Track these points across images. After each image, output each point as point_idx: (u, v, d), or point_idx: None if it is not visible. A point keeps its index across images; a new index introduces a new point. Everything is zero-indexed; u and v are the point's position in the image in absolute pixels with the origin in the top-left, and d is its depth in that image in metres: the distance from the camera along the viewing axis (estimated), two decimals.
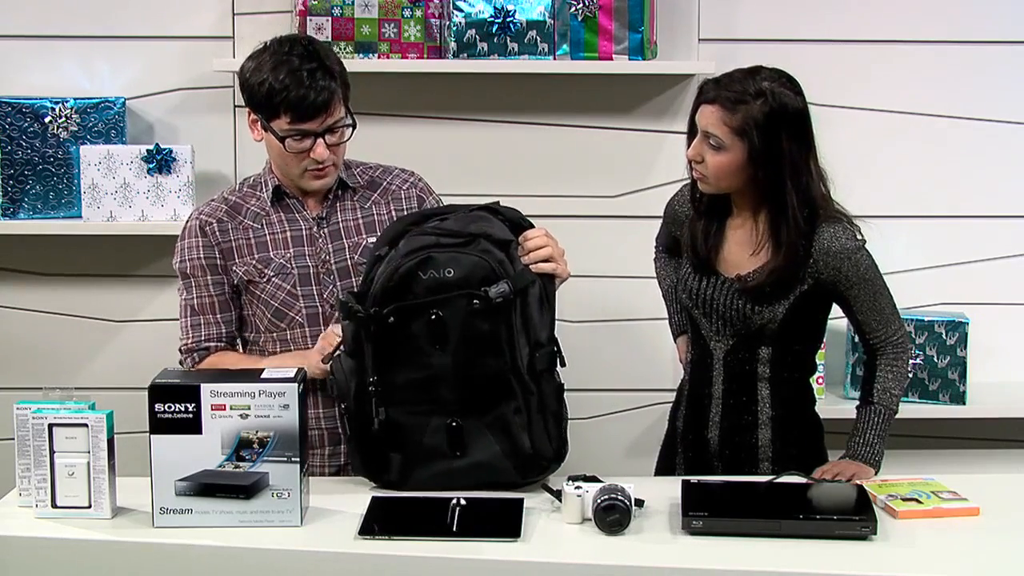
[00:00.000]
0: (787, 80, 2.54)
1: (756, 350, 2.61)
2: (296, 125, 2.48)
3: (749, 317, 2.58)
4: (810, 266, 2.54)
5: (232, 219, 2.62)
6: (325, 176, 2.56)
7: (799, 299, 2.56)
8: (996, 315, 3.51)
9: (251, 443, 2.17)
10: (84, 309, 3.48)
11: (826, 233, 2.53)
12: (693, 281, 2.66)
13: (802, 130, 2.52)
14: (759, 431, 2.63)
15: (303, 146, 2.50)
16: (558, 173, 3.45)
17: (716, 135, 2.50)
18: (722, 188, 2.58)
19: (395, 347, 2.35)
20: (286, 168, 2.57)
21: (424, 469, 2.39)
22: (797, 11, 3.42)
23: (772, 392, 2.62)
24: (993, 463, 3.52)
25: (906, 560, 2.11)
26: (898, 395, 2.61)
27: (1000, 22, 3.44)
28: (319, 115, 2.48)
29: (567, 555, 2.12)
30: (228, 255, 2.60)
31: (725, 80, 2.52)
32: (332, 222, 2.63)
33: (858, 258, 2.55)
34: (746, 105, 2.47)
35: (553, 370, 2.44)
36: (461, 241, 2.35)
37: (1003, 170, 3.48)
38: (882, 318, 2.59)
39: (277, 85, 2.46)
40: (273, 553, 2.12)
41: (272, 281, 2.58)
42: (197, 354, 2.63)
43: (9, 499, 2.33)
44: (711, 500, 2.27)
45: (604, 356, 3.49)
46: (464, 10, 3.24)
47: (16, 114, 3.28)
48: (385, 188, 2.69)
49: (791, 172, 2.50)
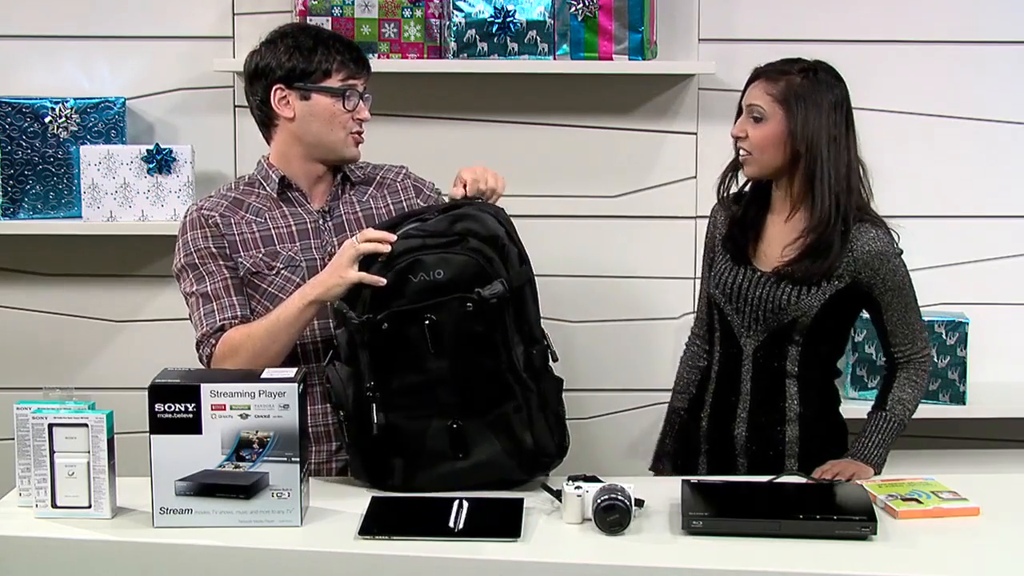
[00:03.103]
0: (829, 67, 2.66)
1: (785, 348, 2.63)
2: (349, 81, 2.58)
3: (783, 308, 2.60)
4: (849, 264, 2.57)
5: (234, 213, 2.61)
6: (361, 143, 2.64)
7: (835, 297, 2.59)
8: (996, 315, 3.51)
9: (251, 443, 2.17)
10: (84, 309, 3.48)
11: (868, 233, 2.58)
12: (728, 275, 2.69)
13: (841, 109, 2.61)
14: (787, 427, 2.65)
15: (353, 103, 2.59)
16: (558, 173, 3.45)
17: (759, 105, 2.61)
18: (765, 165, 2.62)
19: (391, 353, 2.35)
20: (330, 134, 2.59)
21: (427, 472, 2.39)
22: (797, 11, 3.42)
23: (800, 390, 2.65)
24: (993, 463, 3.52)
25: (906, 560, 2.11)
26: (911, 409, 2.64)
27: (1000, 22, 3.44)
28: (364, 73, 2.62)
29: (567, 555, 2.12)
30: (233, 247, 2.59)
31: (771, 63, 2.66)
32: (336, 215, 2.65)
33: (896, 264, 2.60)
34: (789, 76, 2.60)
35: (548, 366, 2.45)
36: (448, 241, 2.36)
37: (1003, 170, 3.48)
38: (910, 333, 2.63)
39: (329, 43, 2.59)
40: (273, 553, 2.12)
41: (281, 274, 2.58)
42: (213, 337, 2.53)
43: (9, 499, 2.33)
44: (711, 500, 2.27)
45: (604, 356, 3.49)
46: (464, 10, 3.24)
47: (16, 114, 3.28)
48: (380, 182, 2.72)
49: (829, 143, 2.57)
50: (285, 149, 2.64)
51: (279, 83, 2.58)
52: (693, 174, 3.45)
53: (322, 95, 2.58)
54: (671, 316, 3.49)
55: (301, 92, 2.58)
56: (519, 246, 2.44)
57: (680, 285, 3.47)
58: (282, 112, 2.60)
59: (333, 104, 2.58)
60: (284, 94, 2.58)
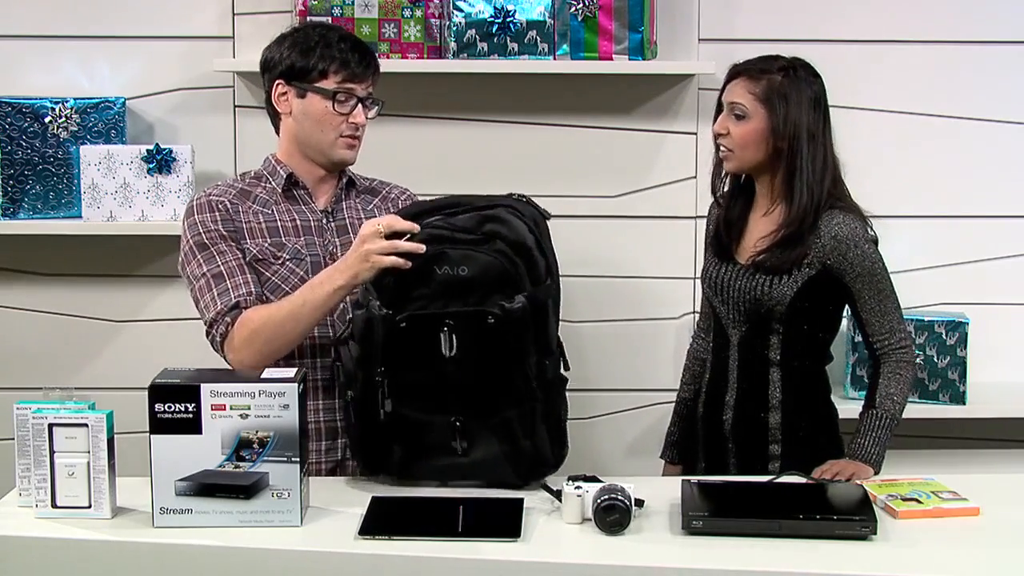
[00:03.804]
0: (805, 63, 2.71)
1: (768, 336, 2.69)
2: (346, 84, 2.58)
3: (759, 298, 2.65)
4: (817, 250, 2.61)
5: (242, 202, 2.62)
6: (355, 147, 2.63)
7: (807, 284, 2.63)
8: (996, 315, 3.51)
9: (251, 443, 2.17)
10: (84, 309, 3.48)
11: (836, 218, 2.62)
12: (713, 269, 2.77)
13: (820, 105, 2.67)
14: (769, 414, 2.70)
15: (346, 108, 2.58)
16: (558, 173, 3.45)
17: (740, 103, 2.65)
18: (746, 161, 2.68)
19: (406, 348, 2.34)
20: (320, 136, 2.60)
21: (425, 463, 2.40)
22: (797, 11, 3.42)
23: (783, 377, 2.69)
24: (993, 463, 3.52)
25: (906, 560, 2.11)
26: (900, 402, 2.65)
27: (1000, 22, 3.43)
28: (367, 77, 2.61)
29: (567, 555, 2.13)
30: (240, 234, 2.59)
31: (750, 60, 2.70)
32: (339, 217, 2.66)
33: (865, 249, 2.62)
34: (770, 75, 2.65)
35: (559, 374, 2.45)
36: (474, 239, 2.35)
37: (1003, 170, 3.48)
38: (887, 323, 2.65)
39: (334, 43, 2.58)
40: (273, 553, 2.12)
41: (286, 265, 2.58)
42: (228, 316, 2.48)
43: (9, 499, 2.33)
44: (711, 500, 2.27)
45: (604, 356, 3.49)
46: (464, 10, 3.24)
47: (16, 114, 3.28)
48: (384, 196, 2.75)
49: (809, 140, 2.62)
50: (288, 146, 2.66)
51: (280, 78, 2.61)
52: (693, 174, 3.45)
53: (316, 95, 2.58)
54: (671, 316, 3.49)
55: (298, 89, 2.59)
56: (549, 258, 2.42)
57: (680, 285, 3.47)
58: (280, 108, 2.62)
59: (326, 105, 2.58)
60: (284, 90, 2.61)
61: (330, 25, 2.77)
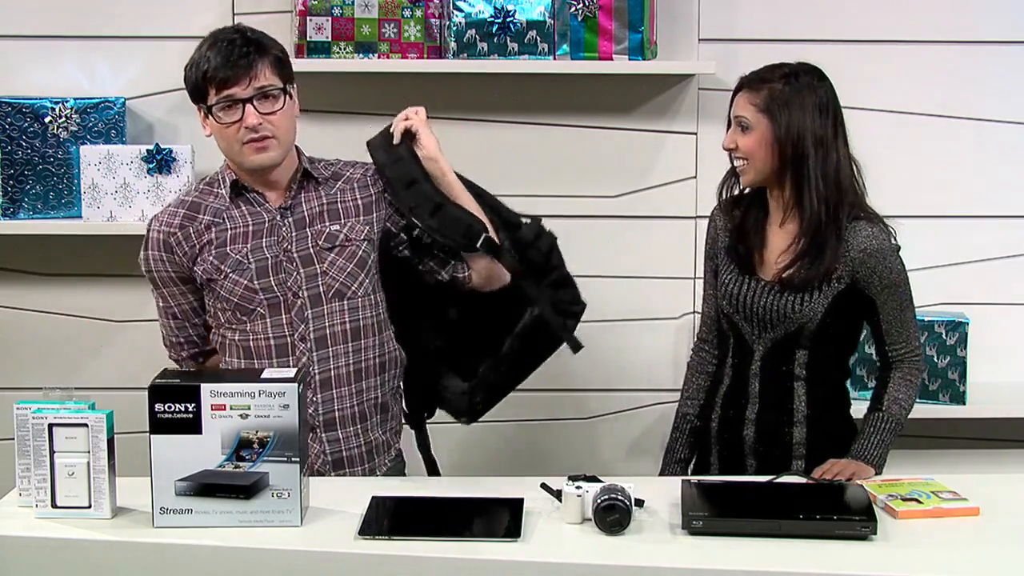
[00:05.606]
0: (812, 68, 2.66)
1: (793, 352, 2.65)
2: (222, 92, 2.50)
3: (789, 316, 2.61)
4: (847, 264, 2.59)
5: (192, 222, 2.61)
6: (266, 148, 2.55)
7: (838, 299, 2.60)
8: (996, 315, 3.51)
9: (251, 443, 2.17)
10: (84, 309, 3.48)
11: (864, 231, 2.59)
12: (734, 286, 2.70)
13: (827, 110, 2.62)
14: (794, 429, 2.66)
15: (234, 115, 2.51)
16: (558, 173, 3.45)
17: (744, 116, 2.63)
18: (759, 172, 2.63)
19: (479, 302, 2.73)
20: (229, 149, 2.58)
21: None
22: (797, 11, 3.42)
23: (808, 392, 2.66)
24: (993, 463, 3.52)
25: (906, 560, 2.11)
26: (907, 408, 2.65)
27: (1000, 22, 3.43)
28: (242, 78, 2.49)
29: (567, 555, 2.12)
30: (192, 260, 2.61)
31: (754, 71, 2.67)
32: (297, 212, 2.62)
33: (892, 261, 2.60)
34: (771, 84, 2.62)
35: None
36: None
37: (1003, 170, 3.48)
38: (905, 332, 2.64)
39: (202, 62, 2.51)
40: (273, 553, 2.12)
41: (229, 277, 2.58)
42: (202, 356, 2.72)
43: (9, 499, 2.33)
44: (711, 500, 2.27)
45: (604, 356, 3.49)
46: (464, 10, 3.24)
47: (16, 114, 3.28)
48: (348, 177, 2.70)
49: (816, 146, 2.58)
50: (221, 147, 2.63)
51: (193, 101, 2.59)
52: (693, 174, 3.45)
53: (209, 115, 2.56)
54: (671, 316, 3.49)
55: (202, 111, 2.57)
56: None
57: (680, 285, 3.47)
58: (204, 130, 2.60)
59: (216, 120, 2.54)
60: (202, 112, 2.58)
61: (217, 32, 2.58)
